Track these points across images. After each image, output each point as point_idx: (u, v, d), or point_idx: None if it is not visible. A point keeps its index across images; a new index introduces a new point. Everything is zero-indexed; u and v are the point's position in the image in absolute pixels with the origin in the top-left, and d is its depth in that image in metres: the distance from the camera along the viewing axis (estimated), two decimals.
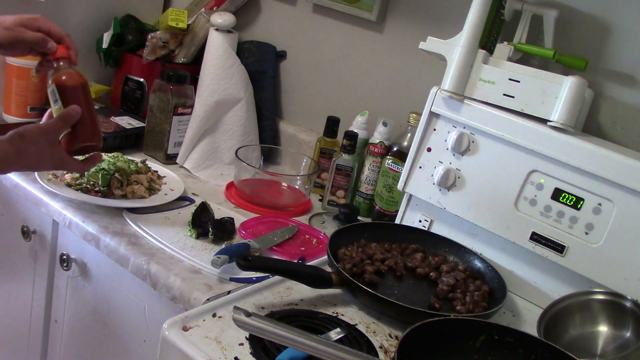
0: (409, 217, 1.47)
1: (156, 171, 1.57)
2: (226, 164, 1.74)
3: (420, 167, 1.41)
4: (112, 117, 1.78)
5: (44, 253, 1.51)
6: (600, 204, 1.21)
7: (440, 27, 1.55)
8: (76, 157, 1.20)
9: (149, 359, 1.32)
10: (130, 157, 1.54)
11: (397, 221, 1.49)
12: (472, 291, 1.21)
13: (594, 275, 1.21)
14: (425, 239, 1.37)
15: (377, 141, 1.58)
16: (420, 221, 1.45)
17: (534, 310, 1.26)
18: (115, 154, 1.52)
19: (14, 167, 1.14)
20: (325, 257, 1.23)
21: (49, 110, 1.21)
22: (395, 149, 1.55)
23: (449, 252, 1.35)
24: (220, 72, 1.71)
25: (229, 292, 1.14)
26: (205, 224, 1.37)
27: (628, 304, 1.11)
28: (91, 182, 1.43)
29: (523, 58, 1.41)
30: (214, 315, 1.04)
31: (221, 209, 1.50)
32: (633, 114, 1.36)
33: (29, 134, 1.12)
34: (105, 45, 1.88)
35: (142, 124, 1.76)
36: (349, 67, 1.79)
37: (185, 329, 0.99)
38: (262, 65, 1.86)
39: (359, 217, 1.56)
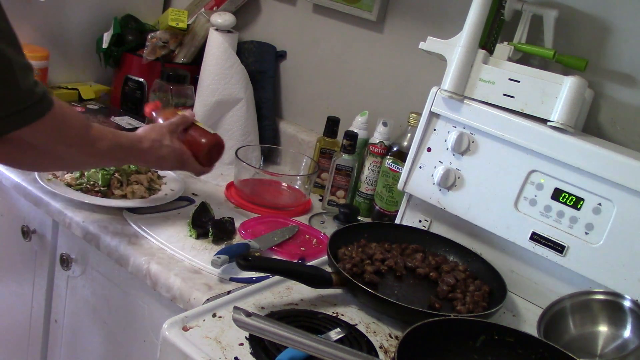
0: (409, 217, 1.47)
1: (156, 171, 1.57)
2: (226, 164, 1.74)
3: (420, 167, 1.41)
4: (112, 117, 1.78)
5: (44, 253, 1.51)
6: (600, 204, 1.21)
7: (440, 27, 1.55)
8: None
9: (149, 359, 1.32)
10: None
11: (397, 221, 1.49)
12: (472, 291, 1.21)
13: (594, 275, 1.21)
14: (425, 239, 1.37)
15: (377, 141, 1.58)
16: (420, 221, 1.45)
17: (534, 310, 1.26)
18: None
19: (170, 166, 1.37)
20: (325, 257, 1.23)
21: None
22: (395, 149, 1.55)
23: (449, 252, 1.35)
24: (220, 72, 1.71)
25: (229, 292, 1.14)
26: (205, 224, 1.37)
27: (627, 304, 1.11)
28: (91, 182, 1.43)
29: (523, 58, 1.41)
30: (214, 315, 1.04)
31: (221, 209, 1.50)
32: (633, 114, 1.36)
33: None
34: (105, 45, 1.88)
35: (142, 124, 1.76)
36: (349, 67, 1.79)
37: (185, 329, 0.99)
38: (262, 65, 1.86)
39: (359, 217, 1.56)
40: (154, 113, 1.42)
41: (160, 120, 1.38)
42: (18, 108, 0.96)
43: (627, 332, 1.10)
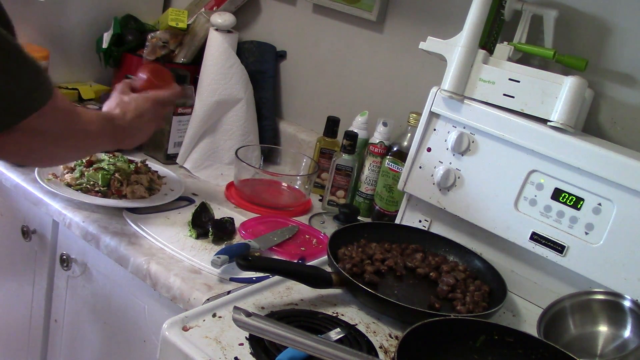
0: (409, 217, 1.47)
1: (156, 171, 1.57)
2: (226, 164, 1.74)
3: (420, 167, 1.41)
4: None
5: (44, 253, 1.51)
6: (600, 204, 1.21)
7: (440, 27, 1.55)
8: None
9: (149, 359, 1.32)
10: (130, 157, 1.54)
11: (397, 221, 1.49)
12: (472, 291, 1.21)
13: (594, 275, 1.21)
14: (425, 239, 1.37)
15: (377, 141, 1.58)
16: (420, 221, 1.45)
17: (534, 310, 1.26)
18: (115, 154, 1.52)
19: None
20: (325, 257, 1.23)
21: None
22: (395, 149, 1.55)
23: (449, 252, 1.35)
24: (220, 72, 1.71)
25: (229, 292, 1.14)
26: (205, 224, 1.37)
27: (627, 304, 1.11)
28: (91, 182, 1.43)
29: (523, 58, 1.41)
30: (214, 315, 1.04)
31: (221, 209, 1.50)
32: (633, 114, 1.36)
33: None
34: (105, 45, 1.88)
35: None
36: (349, 67, 1.79)
37: (185, 329, 0.99)
38: (262, 65, 1.86)
39: (359, 217, 1.56)
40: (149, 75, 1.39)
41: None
42: (29, 91, 0.95)
43: (627, 332, 1.10)
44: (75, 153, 1.24)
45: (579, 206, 1.23)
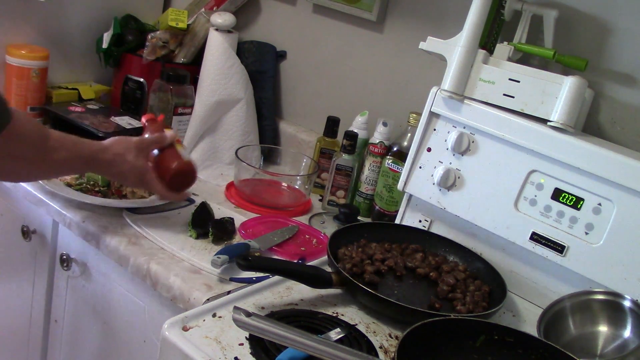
0: (409, 217, 1.47)
1: None
2: (226, 164, 1.74)
3: (420, 167, 1.41)
4: (112, 117, 1.78)
5: (44, 253, 1.51)
6: (600, 204, 1.21)
7: (440, 27, 1.55)
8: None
9: (149, 359, 1.32)
10: None
11: (397, 221, 1.48)
12: (472, 291, 1.21)
13: (594, 275, 1.21)
14: (425, 239, 1.37)
15: (377, 141, 1.58)
16: (420, 221, 1.45)
17: (534, 310, 1.26)
18: None
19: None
20: (325, 257, 1.23)
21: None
22: (395, 149, 1.55)
23: (449, 252, 1.35)
24: (220, 72, 1.71)
25: (229, 292, 1.14)
26: (205, 224, 1.37)
27: (627, 304, 1.11)
28: (91, 182, 1.43)
29: (523, 58, 1.41)
30: (214, 315, 1.04)
31: (221, 209, 1.50)
32: (633, 114, 1.36)
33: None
34: (105, 45, 1.88)
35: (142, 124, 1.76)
36: (349, 67, 1.79)
37: (185, 329, 0.99)
38: (262, 65, 1.86)
39: (359, 217, 1.56)
40: (146, 123, 1.35)
41: (147, 134, 1.32)
42: None
43: (627, 332, 1.10)
44: (31, 177, 1.24)
45: (579, 206, 1.23)
